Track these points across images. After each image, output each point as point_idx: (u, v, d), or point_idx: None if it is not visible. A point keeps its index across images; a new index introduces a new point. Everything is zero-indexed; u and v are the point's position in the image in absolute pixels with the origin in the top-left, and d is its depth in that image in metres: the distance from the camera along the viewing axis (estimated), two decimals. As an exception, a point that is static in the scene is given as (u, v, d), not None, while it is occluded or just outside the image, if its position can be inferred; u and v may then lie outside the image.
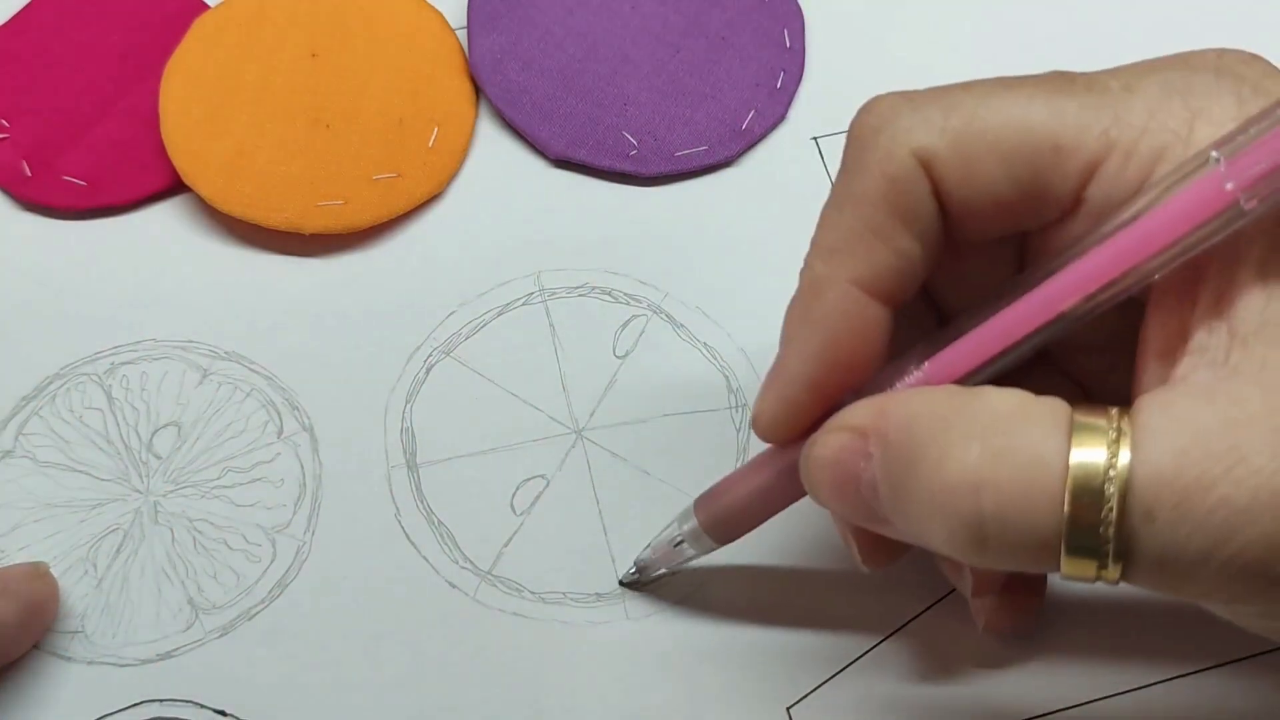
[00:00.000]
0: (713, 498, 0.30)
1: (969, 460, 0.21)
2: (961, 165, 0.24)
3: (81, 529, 0.32)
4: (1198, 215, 0.22)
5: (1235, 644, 0.31)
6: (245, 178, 0.37)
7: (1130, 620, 0.32)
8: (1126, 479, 0.20)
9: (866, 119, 0.26)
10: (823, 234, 0.26)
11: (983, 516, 0.21)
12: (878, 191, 0.25)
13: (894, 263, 0.25)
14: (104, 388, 0.35)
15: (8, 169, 0.37)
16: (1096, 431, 0.21)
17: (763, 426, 0.27)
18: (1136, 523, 0.20)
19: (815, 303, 0.26)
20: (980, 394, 0.22)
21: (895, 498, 0.23)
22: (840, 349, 0.25)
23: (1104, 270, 0.23)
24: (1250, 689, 0.31)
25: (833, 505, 0.25)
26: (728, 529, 0.30)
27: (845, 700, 0.31)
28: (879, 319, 0.26)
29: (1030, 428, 0.21)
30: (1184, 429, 0.20)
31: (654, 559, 0.31)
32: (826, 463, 0.25)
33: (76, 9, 0.40)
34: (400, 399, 0.34)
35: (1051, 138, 0.24)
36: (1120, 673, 0.31)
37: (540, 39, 0.40)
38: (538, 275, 0.37)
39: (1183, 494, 0.20)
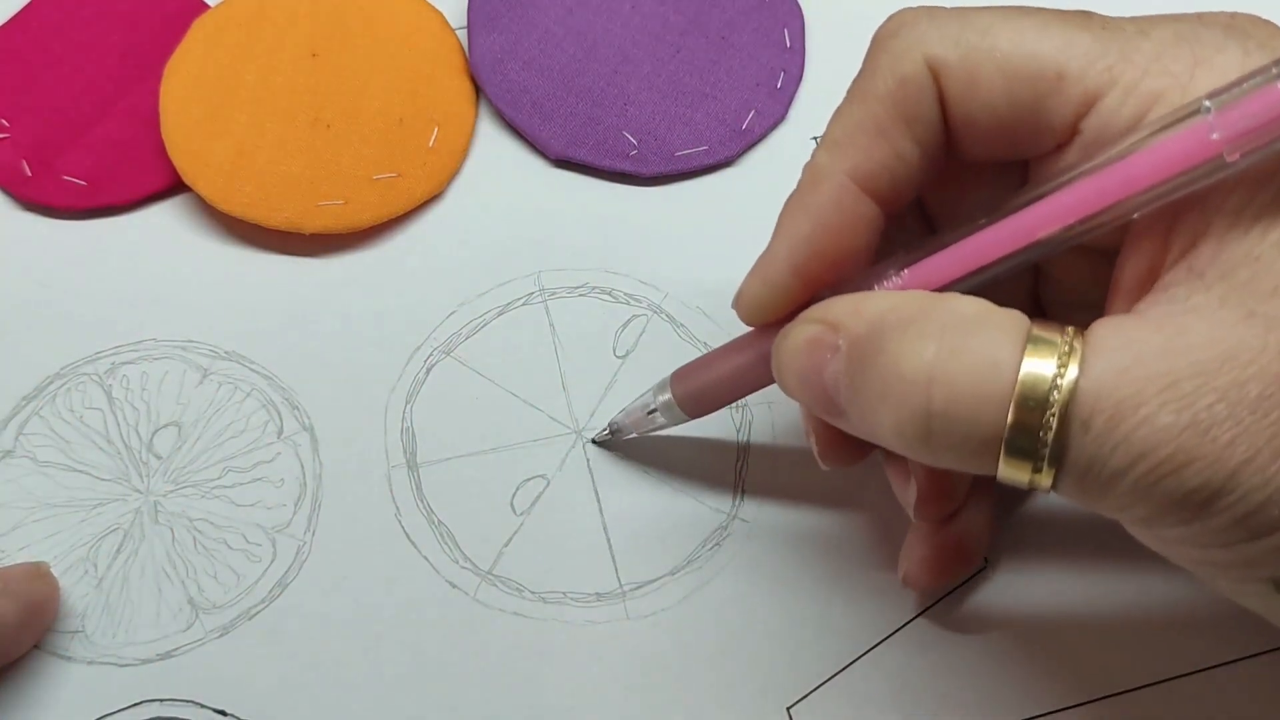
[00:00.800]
0: (689, 372, 0.31)
1: (925, 355, 0.22)
2: (967, 78, 0.25)
3: (82, 529, 0.33)
4: (1181, 162, 0.22)
5: (1235, 644, 0.31)
6: (245, 177, 0.37)
7: (1130, 620, 0.32)
8: (1071, 391, 0.21)
9: (887, 25, 0.27)
10: (831, 128, 0.27)
11: (931, 410, 0.22)
12: (886, 90, 0.26)
13: (891, 162, 0.26)
14: (104, 387, 0.35)
15: (8, 169, 0.37)
16: (1050, 345, 0.22)
17: (744, 306, 0.28)
18: (1073, 432, 0.21)
19: (812, 191, 0.27)
20: (947, 298, 0.23)
21: (852, 388, 0.24)
22: (827, 239, 0.26)
23: (1084, 203, 0.24)
24: (1250, 689, 0.31)
25: (797, 393, 0.26)
26: (699, 404, 0.31)
27: (845, 700, 0.31)
28: (869, 215, 0.27)
29: (988, 332, 0.22)
30: (1129, 350, 0.21)
31: (626, 423, 0.33)
32: (796, 352, 0.26)
33: (76, 9, 0.40)
34: (400, 399, 0.34)
35: (1057, 65, 0.24)
36: (1120, 672, 0.31)
37: (540, 39, 0.40)
38: (538, 275, 0.37)
39: (1115, 409, 0.21)
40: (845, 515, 0.33)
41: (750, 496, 0.33)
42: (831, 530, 0.33)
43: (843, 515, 0.33)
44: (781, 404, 0.34)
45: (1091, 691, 0.31)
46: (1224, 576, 0.23)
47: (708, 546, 0.33)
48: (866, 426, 0.24)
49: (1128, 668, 0.31)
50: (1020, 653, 0.31)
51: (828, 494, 0.33)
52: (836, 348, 0.25)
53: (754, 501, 0.33)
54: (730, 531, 0.33)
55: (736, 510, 0.33)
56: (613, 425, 0.33)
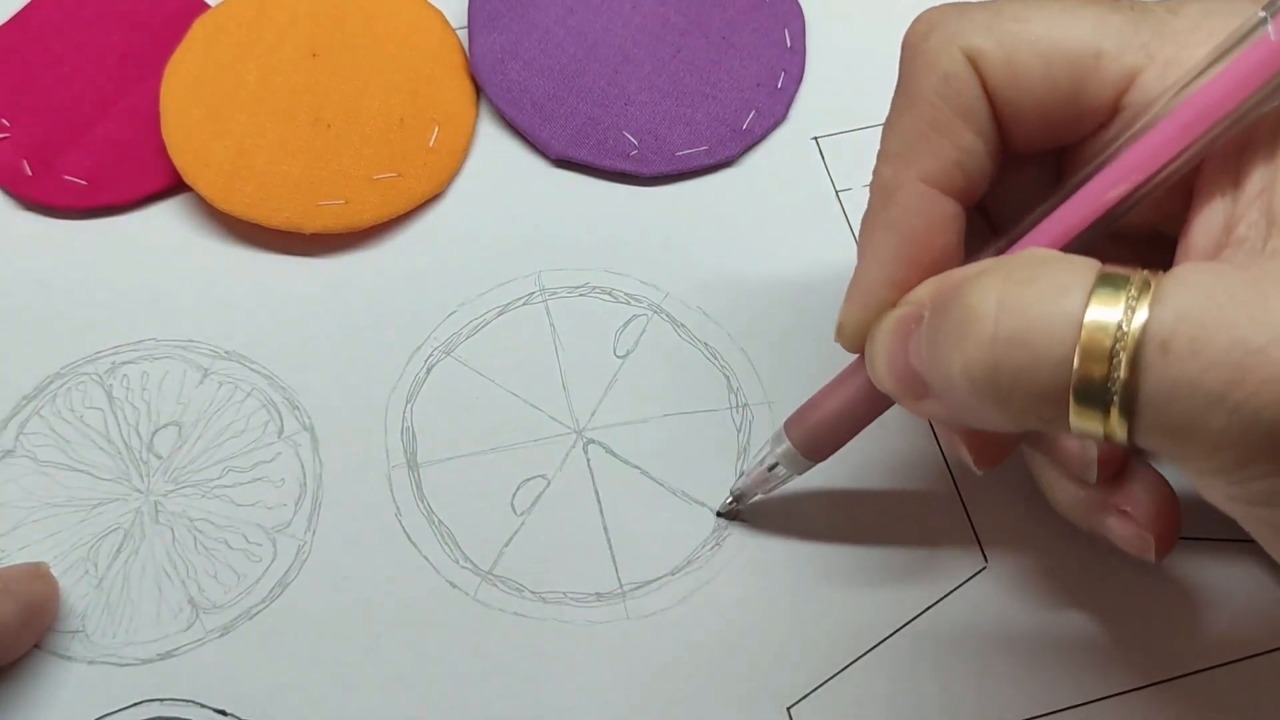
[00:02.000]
0: (803, 416, 0.30)
1: (992, 289, 0.21)
2: (1007, 66, 0.25)
3: (82, 529, 0.33)
4: (1255, 77, 0.22)
5: (1235, 644, 0.31)
6: (246, 177, 0.37)
7: (1130, 620, 0.32)
8: (1146, 319, 0.20)
9: (917, 27, 0.26)
10: (886, 140, 0.27)
11: (997, 339, 0.21)
12: (933, 90, 0.25)
13: (959, 157, 0.26)
14: (104, 387, 0.35)
15: (8, 168, 0.37)
16: (1122, 280, 0.20)
17: (848, 336, 0.27)
18: (1150, 356, 0.19)
19: (887, 205, 0.26)
20: (1021, 250, 0.23)
21: (929, 343, 0.23)
22: (918, 246, 0.26)
23: (1172, 141, 0.23)
24: (1250, 689, 0.31)
25: (886, 379, 0.25)
26: (821, 445, 0.30)
27: (845, 700, 0.31)
28: (952, 214, 0.26)
29: (1059, 265, 0.21)
30: (1213, 281, 0.20)
31: (750, 485, 0.32)
32: (884, 334, 0.25)
33: (76, 9, 0.40)
34: (401, 399, 0.34)
35: (1093, 45, 0.24)
36: (1120, 673, 0.31)
37: (541, 38, 0.40)
38: (538, 275, 0.37)
39: (1200, 330, 0.19)
40: (846, 515, 0.33)
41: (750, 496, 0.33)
42: (831, 530, 0.33)
43: (843, 515, 0.33)
44: (781, 404, 0.34)
45: (1091, 691, 0.31)
46: None
47: (708, 546, 0.33)
48: (941, 383, 0.23)
49: (1128, 667, 0.31)
50: (1020, 653, 0.31)
51: (828, 494, 0.33)
52: (921, 318, 0.24)
53: (754, 502, 0.33)
54: (730, 531, 0.33)
55: (736, 511, 0.33)
56: (735, 491, 0.32)
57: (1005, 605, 0.32)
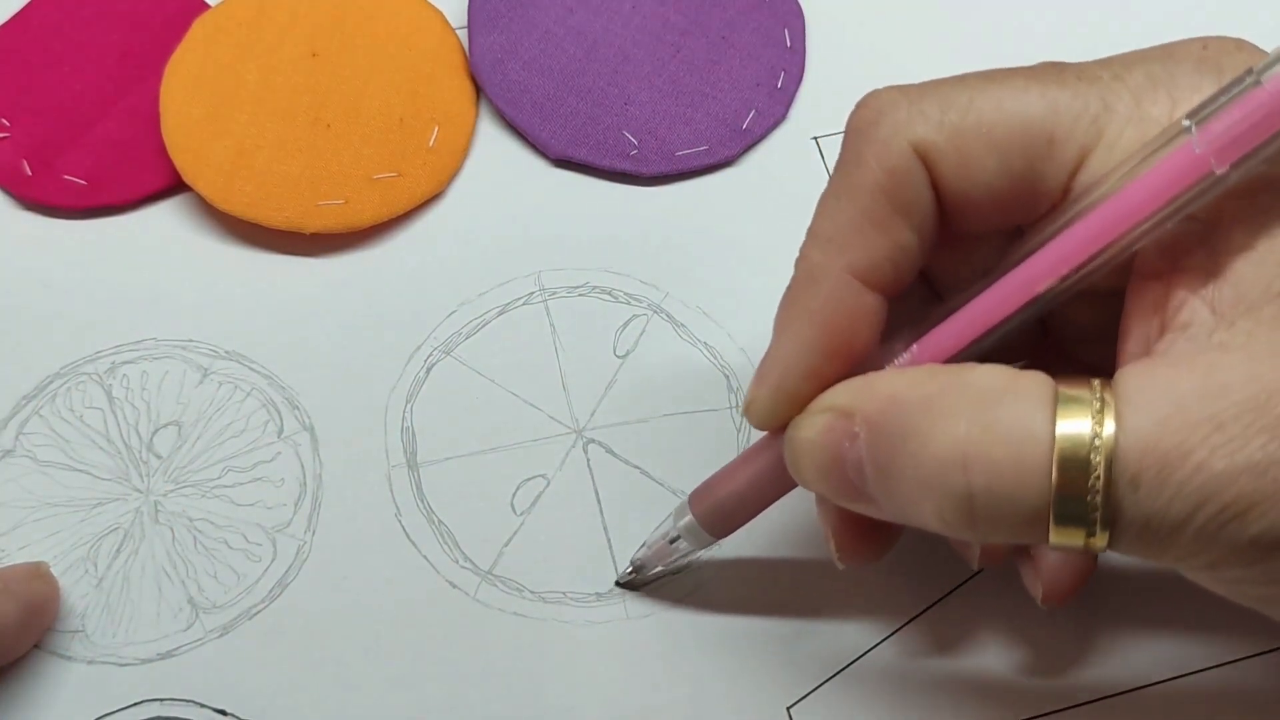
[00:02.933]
0: (707, 491, 0.30)
1: (957, 435, 0.22)
2: (958, 158, 0.25)
3: (82, 528, 0.33)
4: (1172, 185, 0.22)
5: (1235, 644, 0.31)
6: (245, 177, 0.37)
7: (1130, 620, 0.32)
8: (1112, 449, 0.21)
9: (864, 112, 0.26)
10: (819, 223, 0.26)
11: (972, 490, 0.21)
12: (876, 183, 0.25)
13: (891, 253, 0.25)
14: (104, 387, 0.35)
15: (8, 168, 0.37)
16: (1081, 403, 0.21)
17: (756, 414, 0.27)
18: (1122, 491, 0.21)
19: (811, 291, 0.26)
20: (964, 370, 0.23)
21: (882, 477, 0.23)
22: (835, 337, 0.26)
23: (1083, 246, 0.23)
24: (1250, 689, 0.31)
25: (818, 487, 0.25)
26: (724, 522, 0.30)
27: (845, 700, 0.31)
28: (874, 308, 0.26)
29: (1017, 402, 0.22)
30: (1164, 398, 0.21)
31: (650, 557, 0.31)
32: (811, 445, 0.25)
33: (76, 9, 0.40)
34: (400, 399, 0.34)
35: (1046, 130, 0.24)
36: (1120, 673, 0.31)
37: (541, 38, 0.40)
38: (538, 275, 0.37)
39: (1163, 461, 0.20)
40: (845, 515, 0.33)
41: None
42: (831, 530, 0.33)
43: (843, 515, 0.33)
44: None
45: (1091, 691, 0.31)
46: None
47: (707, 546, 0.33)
48: (901, 514, 0.23)
49: (1127, 668, 0.31)
50: (1020, 653, 0.31)
51: (828, 494, 0.33)
52: (854, 435, 0.24)
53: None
54: (730, 531, 0.33)
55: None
56: (635, 561, 0.32)
57: (1004, 605, 0.32)
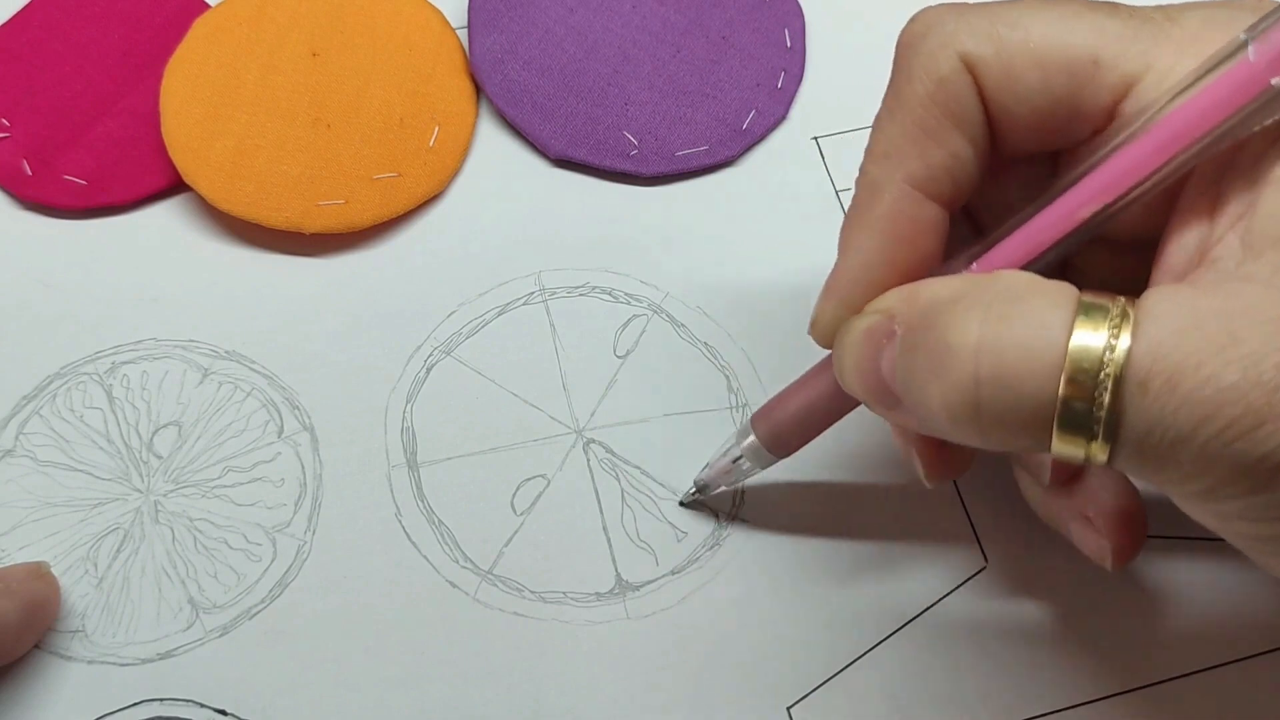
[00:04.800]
0: (769, 411, 0.30)
1: (972, 325, 0.22)
2: (1003, 72, 0.25)
3: (82, 528, 0.33)
4: (1230, 100, 0.22)
5: (1235, 644, 0.31)
6: (246, 177, 0.37)
7: (1130, 621, 0.32)
8: (1125, 356, 0.20)
9: (913, 27, 0.26)
10: (876, 140, 0.26)
11: (979, 379, 0.21)
12: (927, 93, 0.25)
13: (947, 162, 0.26)
14: (104, 387, 0.35)
15: (8, 168, 0.37)
16: (1101, 311, 0.21)
17: (821, 330, 0.27)
18: (1129, 396, 0.20)
19: (872, 204, 0.26)
20: (996, 275, 0.23)
21: (904, 368, 0.23)
22: (899, 249, 0.26)
23: (1147, 159, 0.23)
24: (1250, 689, 0.31)
25: (856, 388, 0.26)
26: (786, 441, 0.30)
27: (845, 700, 0.31)
28: (935, 219, 0.26)
29: (1036, 299, 0.22)
30: (1184, 313, 0.21)
31: (714, 477, 0.32)
32: (854, 344, 0.25)
33: (77, 9, 0.40)
34: (400, 398, 0.34)
35: (1092, 52, 0.24)
36: (1120, 673, 0.31)
37: (541, 38, 0.40)
38: (538, 275, 0.37)
39: (1175, 369, 0.20)
40: (846, 515, 0.33)
41: (750, 496, 0.33)
42: (831, 530, 0.33)
43: (843, 515, 0.33)
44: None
45: (1091, 691, 0.31)
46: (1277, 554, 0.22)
47: (707, 546, 0.33)
48: (918, 409, 0.23)
49: (1128, 668, 0.31)
50: (1020, 653, 0.31)
51: (827, 494, 0.33)
52: (893, 333, 0.24)
53: (754, 502, 0.33)
54: (730, 531, 0.33)
55: (737, 510, 0.33)
56: (698, 482, 0.32)
57: (1005, 605, 0.32)
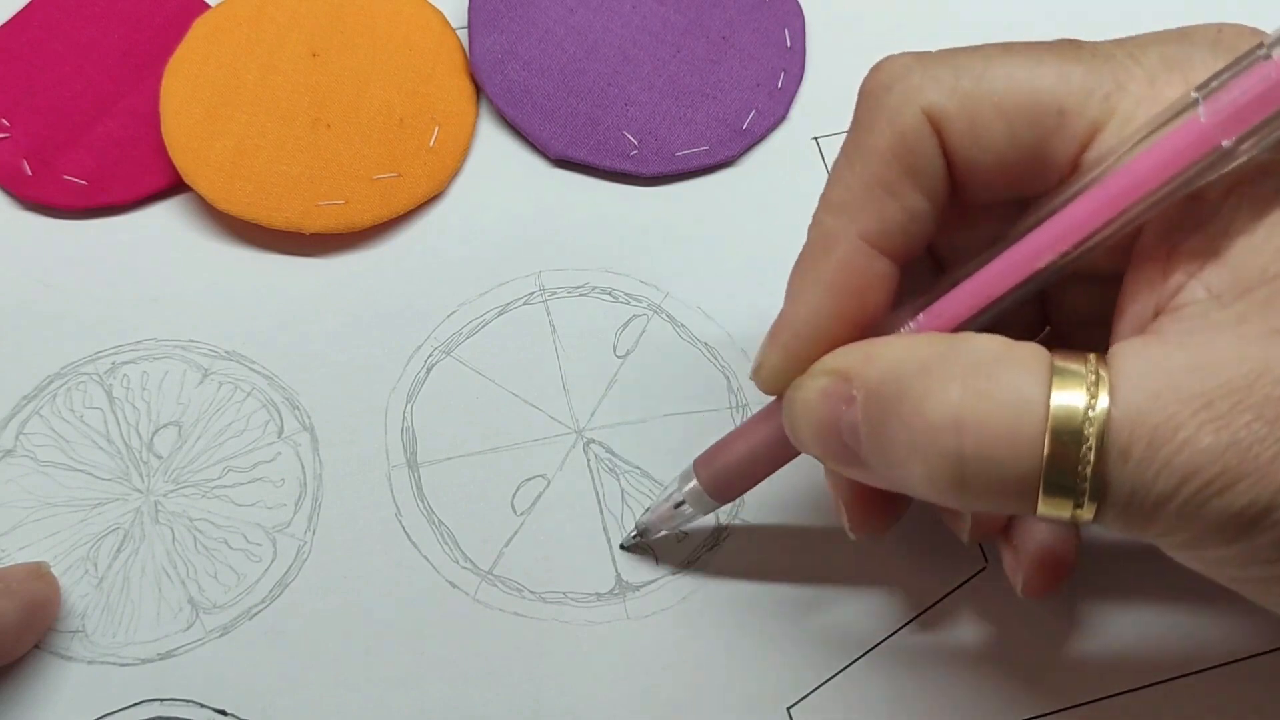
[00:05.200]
0: (712, 456, 0.30)
1: (950, 400, 0.22)
2: (968, 125, 0.25)
3: (82, 528, 0.33)
4: (1179, 158, 0.22)
5: (1235, 644, 0.31)
6: (245, 177, 0.37)
7: (1130, 621, 0.32)
8: (1104, 421, 0.21)
9: (878, 77, 0.26)
10: (832, 189, 0.26)
11: (963, 455, 0.22)
12: (888, 147, 0.25)
13: (902, 218, 0.25)
14: (104, 387, 0.35)
15: (8, 168, 0.37)
16: (1075, 376, 0.21)
17: (764, 378, 0.27)
18: (1112, 463, 0.21)
19: (824, 256, 0.26)
20: (962, 339, 0.23)
21: (876, 439, 0.23)
22: (847, 302, 0.26)
23: (1092, 217, 0.23)
24: (1250, 689, 0.31)
25: (814, 450, 0.26)
26: (728, 487, 0.30)
27: (845, 700, 0.31)
28: (886, 274, 0.26)
29: (1012, 370, 0.22)
30: (1157, 373, 0.21)
31: (654, 521, 0.31)
32: (808, 407, 0.25)
33: (77, 9, 0.40)
34: (401, 399, 0.34)
35: (1057, 102, 0.24)
36: (1120, 673, 0.31)
37: (541, 38, 0.40)
38: (538, 275, 0.37)
39: (1153, 435, 0.20)
40: (845, 515, 0.33)
41: (750, 496, 0.33)
42: (831, 530, 0.33)
43: (843, 515, 0.33)
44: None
45: (1091, 692, 0.31)
46: (1267, 593, 0.23)
47: (707, 547, 0.33)
48: (893, 477, 0.24)
49: (1128, 668, 0.31)
50: (1020, 653, 0.31)
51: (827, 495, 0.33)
52: (851, 398, 0.24)
53: (754, 502, 0.33)
54: (730, 532, 0.33)
55: (736, 510, 0.33)
56: (640, 526, 0.32)
57: (1005, 605, 0.32)
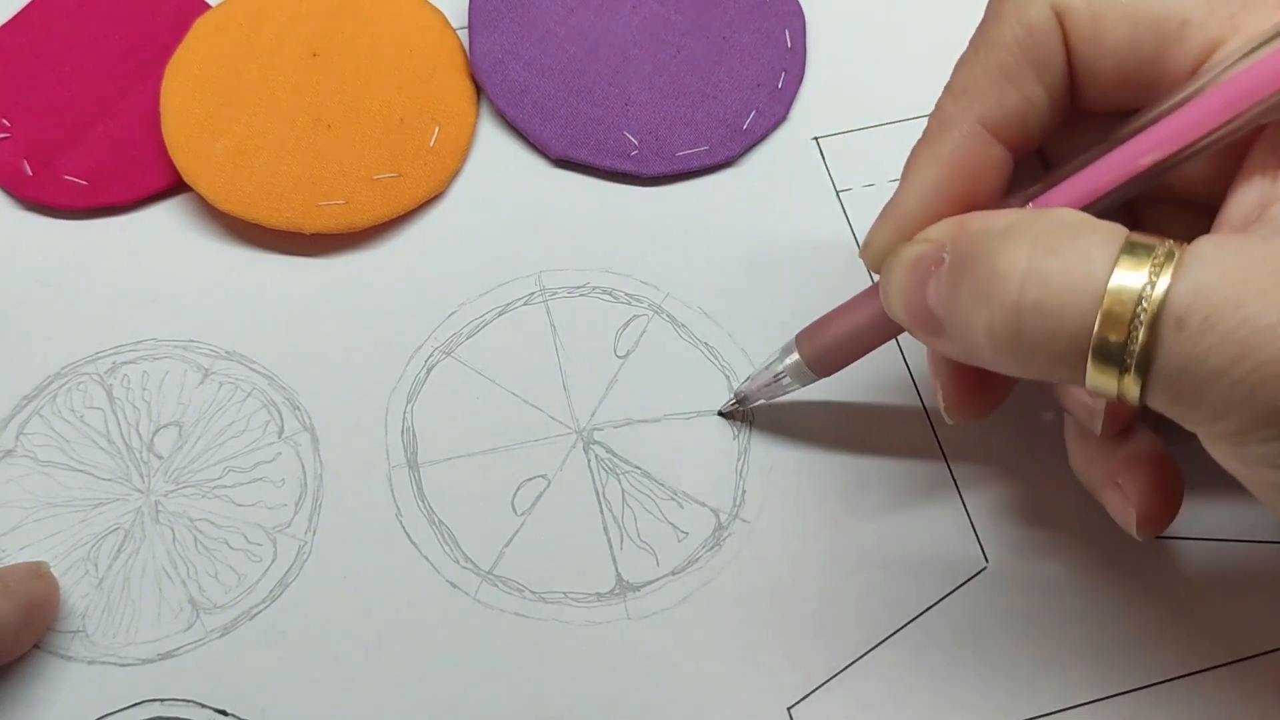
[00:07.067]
0: (814, 332, 0.30)
1: (1020, 253, 0.22)
2: (1092, 25, 0.25)
3: (82, 528, 0.33)
4: None
5: (1235, 644, 0.31)
6: (246, 177, 0.37)
7: (1130, 620, 0.32)
8: (1165, 292, 0.21)
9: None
10: (956, 76, 0.27)
11: (1022, 305, 0.22)
12: (1013, 37, 0.26)
13: (1021, 107, 0.26)
14: (105, 387, 0.35)
15: (9, 168, 0.37)
16: (1147, 250, 0.21)
17: (872, 255, 0.28)
18: (1165, 331, 0.21)
19: (941, 138, 0.27)
20: (1049, 210, 0.23)
21: (950, 294, 0.24)
22: (960, 185, 0.26)
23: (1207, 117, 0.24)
24: (1250, 689, 0.31)
25: (899, 312, 0.26)
26: (828, 362, 0.31)
27: (845, 700, 0.31)
28: (1000, 161, 0.26)
29: (1086, 236, 0.22)
30: (1231, 256, 0.21)
31: (754, 389, 0.32)
32: (902, 269, 0.26)
33: (77, 9, 0.40)
34: (401, 399, 0.34)
35: (1181, 13, 0.25)
36: (1120, 673, 0.31)
37: (541, 38, 0.40)
38: (538, 275, 0.37)
39: (1214, 308, 0.20)
40: (845, 515, 0.33)
41: (750, 496, 0.33)
42: (831, 530, 0.33)
43: (843, 515, 0.33)
44: (782, 405, 0.34)
45: (1091, 691, 0.31)
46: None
47: (708, 547, 0.33)
48: (960, 334, 0.24)
49: (1128, 668, 0.31)
50: (1020, 653, 0.31)
51: (827, 494, 0.33)
52: (941, 261, 0.24)
53: (754, 502, 0.33)
54: (730, 531, 0.33)
55: (737, 510, 0.33)
56: (739, 394, 0.33)
57: (1005, 605, 0.32)
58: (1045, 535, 0.33)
